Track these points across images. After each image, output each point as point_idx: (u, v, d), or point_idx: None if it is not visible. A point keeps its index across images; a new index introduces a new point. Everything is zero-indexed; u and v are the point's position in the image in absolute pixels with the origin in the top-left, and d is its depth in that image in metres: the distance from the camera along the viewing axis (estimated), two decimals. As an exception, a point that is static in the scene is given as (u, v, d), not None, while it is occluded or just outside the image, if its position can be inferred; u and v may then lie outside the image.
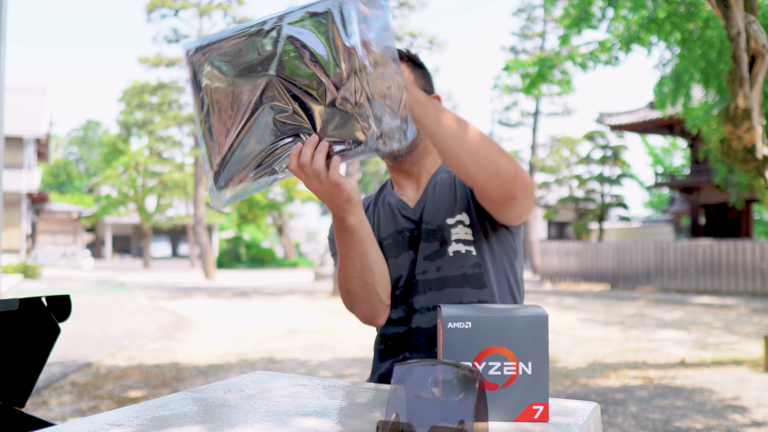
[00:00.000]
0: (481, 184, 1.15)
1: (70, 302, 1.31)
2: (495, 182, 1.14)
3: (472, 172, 1.13)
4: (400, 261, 1.40)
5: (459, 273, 1.34)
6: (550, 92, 22.23)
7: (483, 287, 1.34)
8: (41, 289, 14.88)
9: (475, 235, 1.36)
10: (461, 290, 1.34)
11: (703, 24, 6.31)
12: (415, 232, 1.41)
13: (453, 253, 1.35)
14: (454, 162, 1.13)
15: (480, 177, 1.14)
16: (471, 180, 1.15)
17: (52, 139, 38.54)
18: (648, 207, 42.09)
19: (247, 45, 1.02)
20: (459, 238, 1.35)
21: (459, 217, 1.37)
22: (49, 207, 32.47)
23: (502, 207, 1.22)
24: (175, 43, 23.44)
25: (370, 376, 1.48)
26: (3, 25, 3.57)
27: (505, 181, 1.14)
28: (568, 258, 16.88)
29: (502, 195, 1.17)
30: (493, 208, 1.26)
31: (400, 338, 1.39)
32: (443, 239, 1.36)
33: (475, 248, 1.35)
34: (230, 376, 5.28)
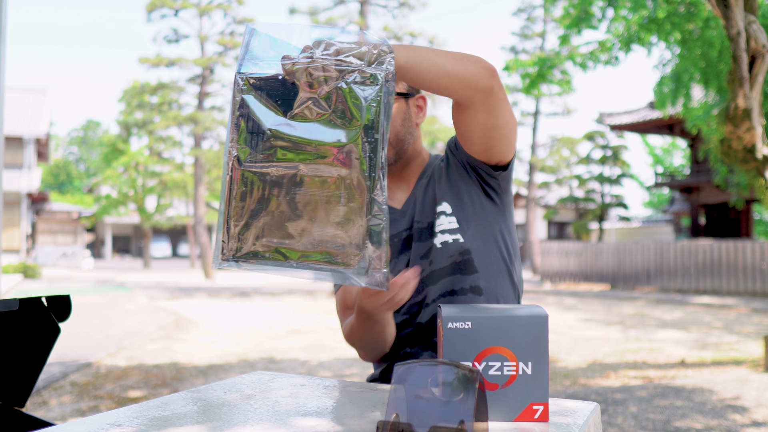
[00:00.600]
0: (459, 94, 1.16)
1: (70, 302, 1.31)
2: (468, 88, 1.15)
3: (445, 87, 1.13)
4: (399, 265, 1.40)
5: (449, 263, 1.35)
6: (550, 92, 22.21)
7: (474, 272, 1.35)
8: (41, 289, 14.88)
9: (459, 222, 1.37)
10: (452, 278, 1.35)
11: (703, 24, 6.31)
12: (405, 233, 1.42)
13: (441, 244, 1.36)
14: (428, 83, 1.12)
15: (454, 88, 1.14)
16: (445, 92, 1.15)
17: (52, 139, 38.53)
18: (648, 207, 42.09)
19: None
20: (443, 228, 1.37)
21: (439, 209, 1.38)
22: (49, 207, 32.48)
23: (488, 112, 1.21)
24: (175, 43, 23.44)
25: (372, 374, 1.49)
26: (3, 25, 3.57)
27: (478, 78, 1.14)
28: (568, 258, 16.88)
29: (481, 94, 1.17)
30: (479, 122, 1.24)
31: (401, 339, 1.39)
32: (430, 234, 1.38)
33: (461, 235, 1.36)
34: (230, 376, 5.28)
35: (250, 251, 0.98)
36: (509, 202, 1.44)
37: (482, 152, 1.33)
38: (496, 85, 1.17)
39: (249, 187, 0.97)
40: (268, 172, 0.97)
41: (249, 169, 0.97)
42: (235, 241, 0.98)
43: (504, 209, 1.42)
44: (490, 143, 1.30)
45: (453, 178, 1.40)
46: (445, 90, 1.14)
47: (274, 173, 0.96)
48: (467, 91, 1.16)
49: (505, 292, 1.39)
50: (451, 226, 1.37)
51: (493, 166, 1.36)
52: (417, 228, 1.40)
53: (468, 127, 1.27)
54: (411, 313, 1.39)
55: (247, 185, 0.97)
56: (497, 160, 1.35)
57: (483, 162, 1.36)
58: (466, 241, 1.36)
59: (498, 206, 1.40)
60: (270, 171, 0.97)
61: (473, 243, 1.36)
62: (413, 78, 1.10)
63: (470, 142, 1.32)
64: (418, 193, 1.43)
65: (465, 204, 1.38)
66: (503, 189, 1.41)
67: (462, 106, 1.22)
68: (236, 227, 0.98)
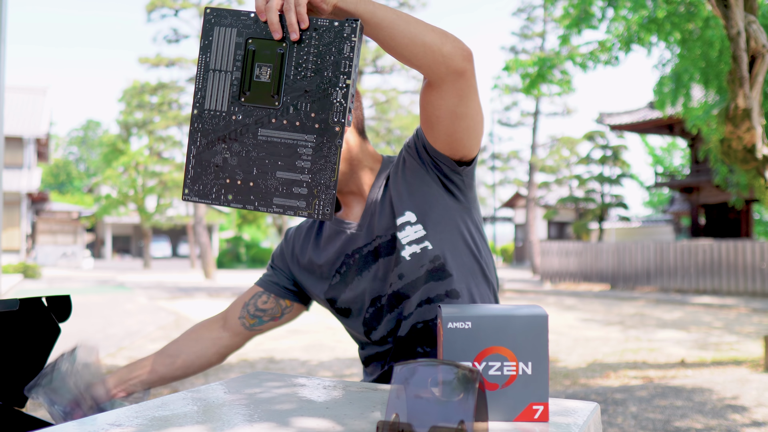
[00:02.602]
0: (431, 69, 1.12)
1: (70, 303, 1.31)
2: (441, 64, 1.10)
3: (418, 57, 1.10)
4: (364, 283, 1.36)
5: (422, 273, 1.30)
6: (550, 92, 22.22)
7: (448, 276, 1.31)
8: (41, 289, 14.88)
9: (426, 228, 1.31)
10: (427, 286, 1.31)
11: (703, 24, 6.31)
12: (366, 249, 1.36)
13: (410, 256, 1.30)
14: (400, 49, 1.09)
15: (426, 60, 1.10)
16: (416, 62, 1.11)
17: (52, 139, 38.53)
18: (648, 207, 42.09)
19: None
20: (410, 239, 1.31)
21: (402, 219, 1.31)
22: (49, 207, 32.48)
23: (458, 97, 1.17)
24: (175, 43, 23.45)
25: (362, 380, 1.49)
26: (3, 25, 3.57)
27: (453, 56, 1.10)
28: (568, 258, 16.88)
29: (453, 75, 1.12)
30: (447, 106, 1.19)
31: (387, 354, 1.38)
32: (396, 247, 1.31)
33: (429, 242, 1.31)
34: (230, 376, 5.28)
35: (210, 193, 1.00)
36: (474, 197, 1.38)
37: (447, 144, 1.27)
38: (469, 69, 1.13)
39: (213, 127, 0.98)
40: (233, 114, 0.98)
41: (215, 109, 0.98)
42: (197, 182, 1.00)
43: (469, 205, 1.36)
44: (456, 134, 1.25)
45: (412, 182, 1.32)
46: (417, 60, 1.10)
47: (240, 117, 0.98)
48: (440, 67, 1.11)
49: (480, 290, 1.36)
50: (417, 235, 1.31)
51: (456, 161, 1.30)
52: (380, 243, 1.34)
53: (436, 110, 1.21)
54: (389, 329, 1.36)
55: (212, 125, 0.98)
56: (461, 154, 1.29)
57: (446, 156, 1.29)
58: (435, 247, 1.30)
59: (462, 203, 1.34)
60: (235, 114, 0.98)
61: (442, 247, 1.31)
62: (386, 38, 1.06)
63: (436, 130, 1.26)
64: (376, 204, 1.36)
65: (429, 208, 1.31)
66: (466, 185, 1.35)
67: (432, 85, 1.17)
68: (198, 168, 0.99)
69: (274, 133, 0.97)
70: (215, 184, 0.99)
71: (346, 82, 0.96)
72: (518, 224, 31.63)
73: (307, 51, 0.97)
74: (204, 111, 0.98)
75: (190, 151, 0.99)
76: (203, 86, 0.97)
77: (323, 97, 0.97)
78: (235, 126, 0.98)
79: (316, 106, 0.97)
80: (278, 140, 0.97)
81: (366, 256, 1.35)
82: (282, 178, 0.98)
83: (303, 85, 0.97)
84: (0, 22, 3.53)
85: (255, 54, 0.97)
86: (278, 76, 0.97)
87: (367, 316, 1.37)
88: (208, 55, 0.96)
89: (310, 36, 0.97)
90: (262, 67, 0.97)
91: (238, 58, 0.96)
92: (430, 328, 1.32)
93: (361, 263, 1.36)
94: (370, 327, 1.38)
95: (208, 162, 0.99)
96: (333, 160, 0.97)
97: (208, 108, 0.98)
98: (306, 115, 0.97)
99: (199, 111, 0.98)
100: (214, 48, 0.96)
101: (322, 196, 0.97)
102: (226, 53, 0.96)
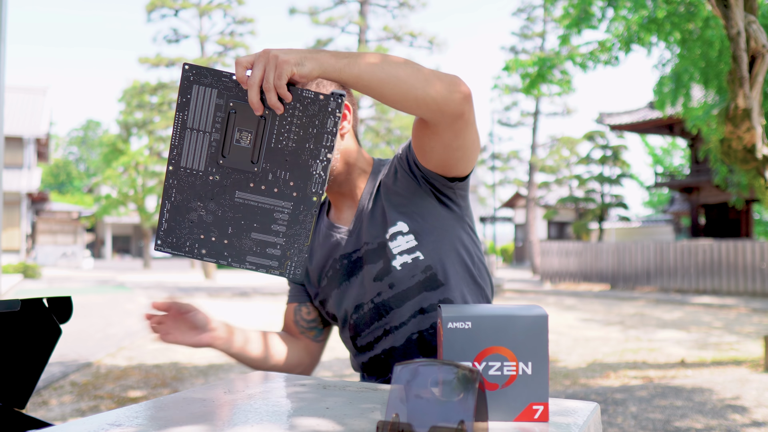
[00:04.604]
0: (426, 116, 1.10)
1: (71, 304, 1.32)
2: (436, 111, 1.08)
3: (413, 110, 1.08)
4: (350, 288, 1.36)
5: (413, 283, 1.30)
6: (550, 92, 22.23)
7: (440, 286, 1.31)
8: (41, 290, 14.88)
9: (418, 239, 1.30)
10: (420, 297, 1.31)
11: (703, 24, 6.31)
12: (354, 255, 1.36)
13: (401, 266, 1.30)
14: (392, 104, 1.06)
15: (421, 111, 1.08)
16: (411, 113, 1.10)
17: (52, 139, 38.53)
18: (648, 207, 42.09)
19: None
20: (402, 249, 1.30)
21: (394, 229, 1.31)
22: (49, 207, 32.49)
23: (454, 134, 1.15)
24: (175, 43, 23.46)
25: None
26: (3, 25, 3.57)
27: (449, 102, 1.07)
28: (568, 258, 16.88)
29: (450, 119, 1.10)
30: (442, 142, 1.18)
31: (378, 362, 1.37)
32: (386, 256, 1.31)
33: (421, 252, 1.30)
34: (230, 376, 5.28)
35: (184, 246, 1.00)
36: (467, 206, 1.37)
37: (439, 167, 1.26)
38: (468, 110, 1.10)
39: (189, 185, 0.97)
40: (210, 174, 0.96)
41: (191, 168, 0.96)
42: (170, 235, 0.99)
43: (462, 213, 1.35)
44: (449, 162, 1.24)
45: (404, 193, 1.31)
46: (412, 111, 1.08)
47: (218, 178, 0.96)
48: (436, 114, 1.09)
49: (474, 297, 1.35)
50: (409, 245, 1.30)
51: (449, 178, 1.29)
52: (367, 250, 1.33)
53: (429, 143, 1.20)
54: (375, 337, 1.35)
55: (188, 183, 0.97)
56: (454, 174, 1.28)
57: (439, 175, 1.28)
58: (427, 257, 1.30)
59: (455, 212, 1.33)
60: (212, 175, 0.96)
61: (434, 257, 1.30)
62: (377, 96, 1.03)
63: (428, 157, 1.25)
64: (365, 210, 1.35)
65: (422, 219, 1.30)
66: (459, 196, 1.33)
67: (427, 124, 1.15)
68: (172, 222, 0.98)
69: (252, 196, 0.97)
70: (189, 239, 0.99)
71: (327, 155, 0.96)
72: (518, 224, 31.64)
73: (289, 121, 0.95)
74: (180, 168, 0.95)
75: (164, 205, 0.97)
76: (179, 144, 0.94)
77: (303, 167, 0.96)
78: (212, 186, 0.97)
79: (295, 175, 0.96)
80: (255, 204, 0.98)
81: (354, 262, 1.36)
82: (256, 239, 0.99)
83: (284, 154, 0.96)
84: (0, 22, 3.53)
85: (236, 117, 0.94)
86: (259, 142, 0.95)
87: (352, 322, 1.38)
88: (185, 114, 0.92)
89: (294, 106, 0.94)
90: (243, 131, 0.94)
91: (218, 120, 0.93)
92: (425, 339, 1.32)
93: (348, 269, 1.36)
94: (355, 333, 1.38)
95: (183, 217, 0.98)
96: (308, 227, 0.99)
97: (184, 166, 0.95)
98: (284, 183, 0.97)
99: (174, 168, 0.95)
100: (192, 106, 0.92)
101: (294, 258, 1.00)
102: (205, 113, 0.93)
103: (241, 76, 0.91)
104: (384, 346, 1.35)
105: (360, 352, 1.39)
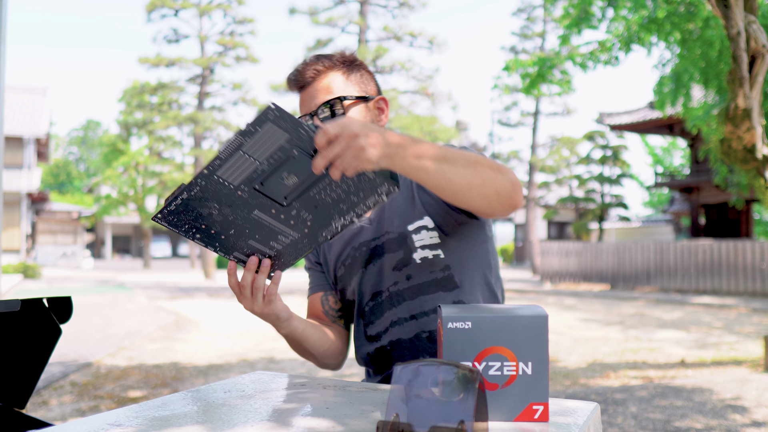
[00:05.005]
0: (484, 208, 1.13)
1: (71, 304, 1.32)
2: (496, 203, 1.11)
3: (473, 203, 1.11)
4: (367, 276, 1.37)
5: (430, 279, 1.31)
6: (550, 92, 22.22)
7: (455, 288, 1.32)
8: (42, 290, 14.88)
9: (441, 237, 1.32)
10: (434, 295, 1.32)
11: (703, 24, 6.31)
12: (374, 243, 1.37)
13: (420, 260, 1.32)
14: (451, 198, 1.09)
15: (481, 204, 1.11)
16: (473, 208, 1.13)
17: (52, 139, 38.53)
18: (648, 207, 42.10)
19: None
20: (424, 244, 1.32)
21: (420, 223, 1.33)
22: (49, 207, 32.49)
23: (502, 216, 1.20)
24: (175, 43, 23.46)
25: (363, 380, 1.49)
26: (3, 25, 3.57)
27: (506, 196, 1.11)
28: (568, 258, 16.89)
29: (504, 210, 1.14)
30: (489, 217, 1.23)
31: (383, 353, 1.37)
32: (408, 247, 1.32)
33: (442, 251, 1.32)
34: (230, 376, 5.28)
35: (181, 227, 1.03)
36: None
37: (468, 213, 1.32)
38: (519, 201, 1.13)
39: (215, 191, 0.98)
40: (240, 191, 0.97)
41: (226, 180, 0.96)
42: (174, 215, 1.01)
43: (483, 221, 1.38)
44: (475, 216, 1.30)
45: (434, 195, 1.32)
46: (468, 203, 1.11)
47: (245, 196, 0.98)
48: (492, 207, 1.13)
49: (487, 303, 1.37)
50: (432, 241, 1.32)
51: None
52: (389, 239, 1.35)
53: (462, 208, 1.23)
54: (386, 326, 1.36)
55: (215, 189, 0.98)
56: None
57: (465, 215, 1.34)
58: (447, 257, 1.32)
59: (479, 219, 1.36)
60: (242, 191, 0.98)
61: (454, 258, 1.32)
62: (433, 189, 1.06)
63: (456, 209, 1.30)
64: (388, 202, 1.37)
65: (449, 218, 1.32)
66: None
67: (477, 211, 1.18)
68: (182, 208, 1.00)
69: (267, 218, 1.02)
70: (190, 223, 1.02)
71: (353, 219, 1.02)
72: (518, 224, 31.62)
73: (338, 185, 0.98)
74: (215, 176, 0.96)
75: (181, 193, 0.98)
76: (225, 158, 0.94)
77: (327, 217, 1.02)
78: (236, 199, 0.99)
79: (316, 219, 1.02)
80: (267, 224, 1.03)
81: (374, 250, 1.37)
82: (251, 245, 1.07)
83: (316, 201, 1.00)
84: (0, 22, 3.53)
85: (292, 163, 0.95)
86: (301, 188, 0.98)
87: (367, 309, 1.38)
88: (246, 140, 0.92)
89: (349, 178, 0.97)
90: (291, 174, 0.96)
91: (274, 157, 0.93)
92: (433, 338, 1.33)
93: (367, 256, 1.37)
94: (367, 321, 1.39)
95: (194, 209, 1.01)
96: (300, 255, 1.07)
97: (219, 175, 0.96)
98: (303, 220, 1.02)
99: (209, 173, 0.96)
100: (257, 138, 0.92)
101: (274, 267, 1.11)
102: (266, 148, 0.93)
103: (321, 143, 0.91)
104: (391, 337, 1.35)
105: (369, 341, 1.40)
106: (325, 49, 19.68)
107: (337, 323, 1.46)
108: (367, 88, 1.36)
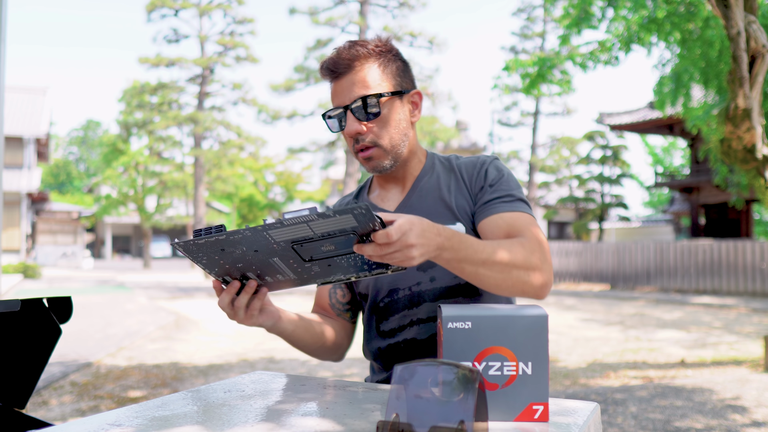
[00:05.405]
0: (517, 295, 1.20)
1: (71, 304, 1.31)
2: (530, 292, 1.19)
3: (506, 293, 1.18)
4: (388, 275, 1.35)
5: (454, 284, 1.31)
6: (550, 92, 22.24)
7: (477, 295, 1.32)
8: (42, 290, 14.88)
9: None
10: (455, 300, 1.31)
11: (703, 24, 6.31)
12: None
13: None
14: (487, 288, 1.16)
15: (514, 293, 1.18)
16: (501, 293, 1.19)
17: (52, 139, 38.54)
18: (648, 207, 42.10)
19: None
20: None
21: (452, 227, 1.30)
22: (49, 207, 32.49)
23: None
24: (175, 43, 23.47)
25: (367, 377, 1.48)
26: (3, 25, 3.57)
27: (529, 296, 1.19)
28: (568, 258, 16.89)
29: (536, 298, 1.21)
30: None
31: (396, 350, 1.36)
32: None
33: None
34: (230, 376, 5.28)
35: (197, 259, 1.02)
36: None
37: None
38: (541, 298, 1.20)
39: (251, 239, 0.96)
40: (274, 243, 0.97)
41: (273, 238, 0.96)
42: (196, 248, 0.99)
43: None
44: None
45: (466, 196, 1.33)
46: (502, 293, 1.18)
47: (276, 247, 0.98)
48: (525, 296, 1.20)
49: None
50: None
51: None
52: None
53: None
54: (401, 324, 1.35)
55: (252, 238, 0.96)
56: None
57: None
58: None
59: None
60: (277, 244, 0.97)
61: None
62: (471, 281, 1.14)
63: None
64: (415, 200, 1.35)
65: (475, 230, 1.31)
66: None
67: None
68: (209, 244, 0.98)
69: (281, 265, 1.04)
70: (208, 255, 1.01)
71: (353, 279, 1.08)
72: (518, 224, 31.53)
73: (361, 257, 1.01)
74: (266, 233, 0.94)
75: (219, 233, 0.96)
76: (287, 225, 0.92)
77: (332, 273, 1.06)
78: (267, 248, 0.98)
79: (323, 272, 1.06)
80: (276, 267, 1.05)
81: None
82: (247, 275, 1.09)
83: (334, 263, 1.03)
84: (0, 22, 3.53)
85: (340, 240, 0.96)
86: (330, 255, 1.01)
87: (381, 305, 1.37)
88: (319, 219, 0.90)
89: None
90: (332, 245, 0.98)
91: (330, 233, 0.94)
92: None
93: None
94: (381, 316, 1.37)
95: (221, 247, 0.98)
96: (287, 288, 1.11)
97: (271, 234, 0.94)
98: (310, 271, 1.05)
99: (263, 229, 0.93)
100: (330, 221, 0.91)
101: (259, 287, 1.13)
102: (330, 227, 0.92)
103: (380, 240, 0.95)
104: (407, 336, 1.34)
105: (381, 337, 1.38)
106: (324, 49, 19.68)
107: (342, 317, 1.46)
108: (403, 82, 1.32)
